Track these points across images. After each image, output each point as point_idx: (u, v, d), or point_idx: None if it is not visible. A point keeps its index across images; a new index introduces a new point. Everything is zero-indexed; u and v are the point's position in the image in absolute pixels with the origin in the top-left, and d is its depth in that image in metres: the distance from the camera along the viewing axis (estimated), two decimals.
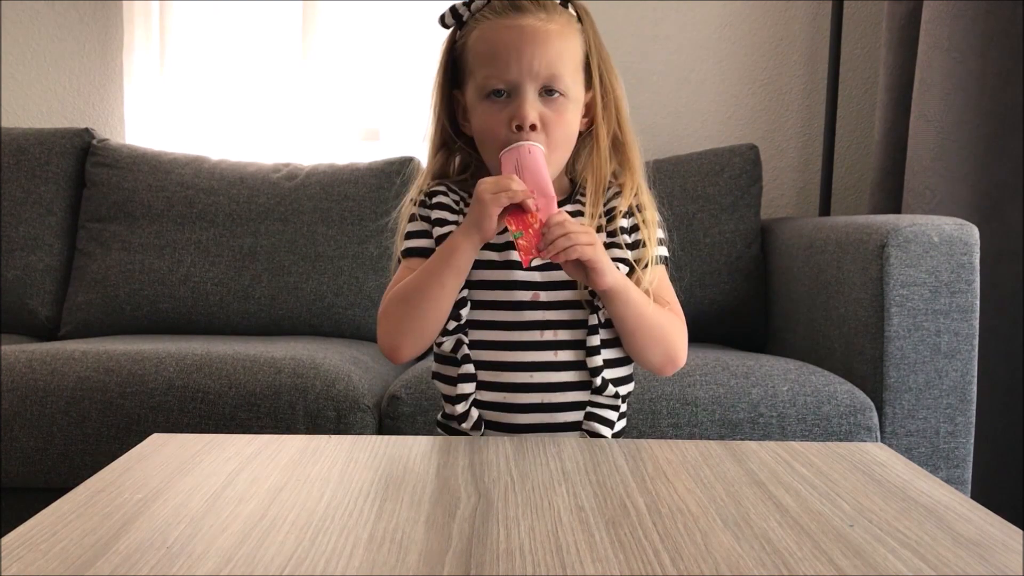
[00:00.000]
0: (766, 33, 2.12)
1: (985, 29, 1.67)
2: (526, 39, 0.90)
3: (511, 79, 0.90)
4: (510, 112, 0.91)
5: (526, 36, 0.91)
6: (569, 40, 0.93)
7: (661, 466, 0.77)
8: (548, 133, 0.91)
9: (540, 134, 0.91)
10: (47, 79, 2.15)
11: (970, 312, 1.35)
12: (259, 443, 0.81)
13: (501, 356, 0.92)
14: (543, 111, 0.91)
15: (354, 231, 1.83)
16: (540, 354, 0.92)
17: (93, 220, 1.88)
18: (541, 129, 0.91)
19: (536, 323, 0.92)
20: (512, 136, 0.90)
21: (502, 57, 0.91)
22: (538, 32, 0.91)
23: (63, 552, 0.55)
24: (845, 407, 1.31)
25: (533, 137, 0.90)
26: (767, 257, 1.83)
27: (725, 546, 0.58)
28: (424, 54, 2.12)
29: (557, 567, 0.54)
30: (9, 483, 1.31)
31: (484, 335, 0.93)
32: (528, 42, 0.90)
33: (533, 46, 0.90)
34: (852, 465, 0.78)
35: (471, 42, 0.94)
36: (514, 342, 0.92)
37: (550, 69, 0.90)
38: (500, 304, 0.93)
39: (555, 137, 0.92)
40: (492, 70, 0.91)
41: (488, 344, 0.93)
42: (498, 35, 0.92)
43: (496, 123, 0.91)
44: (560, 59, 0.91)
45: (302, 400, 1.31)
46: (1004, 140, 1.67)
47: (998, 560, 0.57)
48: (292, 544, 0.57)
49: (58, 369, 1.34)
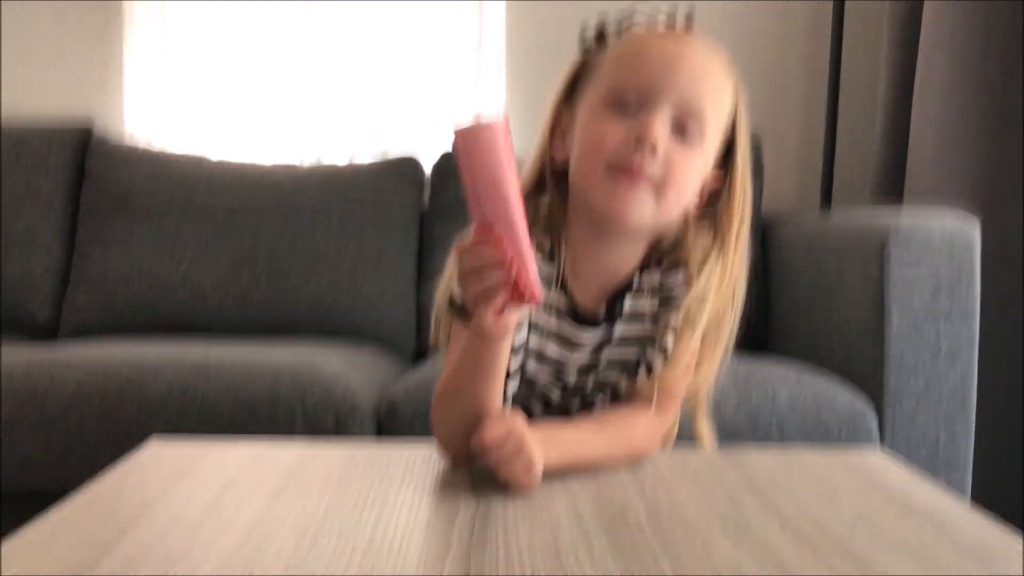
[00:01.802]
0: (766, 33, 2.12)
1: (986, 28, 1.66)
2: (683, 56, 0.76)
3: (650, 88, 0.75)
4: (632, 124, 0.74)
5: (685, 53, 0.76)
6: (727, 90, 0.79)
7: (661, 472, 0.77)
8: (667, 169, 0.74)
9: (658, 163, 0.74)
10: (48, 78, 2.15)
11: (970, 314, 1.35)
12: (258, 448, 0.81)
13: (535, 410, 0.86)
14: (670, 145, 0.75)
15: (354, 231, 1.82)
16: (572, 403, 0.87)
17: (93, 215, 1.87)
18: (662, 161, 0.74)
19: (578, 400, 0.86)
20: (624, 150, 0.74)
21: (648, 61, 0.76)
22: (699, 57, 0.77)
23: (62, 557, 0.55)
24: (844, 413, 1.30)
25: (650, 162, 0.73)
26: (767, 257, 1.83)
27: (724, 553, 0.58)
28: (424, 54, 2.13)
29: (556, 573, 0.54)
30: (8, 488, 1.31)
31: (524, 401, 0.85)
32: (685, 60, 0.76)
33: (689, 66, 0.76)
34: (851, 471, 0.78)
35: (610, 49, 0.79)
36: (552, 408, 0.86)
37: (698, 100, 0.75)
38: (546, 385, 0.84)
39: (673, 178, 0.75)
40: (630, 74, 0.76)
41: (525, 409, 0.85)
42: (651, 42, 0.78)
43: (610, 132, 0.75)
44: (712, 97, 0.76)
45: (301, 405, 1.30)
46: (1004, 140, 1.67)
47: (998, 567, 0.57)
48: (291, 549, 0.57)
49: (57, 374, 1.34)
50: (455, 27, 2.12)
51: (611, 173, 0.75)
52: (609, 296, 0.83)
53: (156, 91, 2.10)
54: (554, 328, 0.83)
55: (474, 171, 0.62)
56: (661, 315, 0.82)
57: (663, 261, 0.83)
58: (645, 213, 0.76)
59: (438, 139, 2.09)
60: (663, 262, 0.83)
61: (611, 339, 0.83)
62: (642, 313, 0.83)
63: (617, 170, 0.75)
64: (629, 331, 0.83)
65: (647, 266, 0.83)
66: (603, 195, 0.76)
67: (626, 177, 0.74)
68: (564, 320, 0.83)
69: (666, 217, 0.78)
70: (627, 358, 0.84)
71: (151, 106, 2.10)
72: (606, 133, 0.75)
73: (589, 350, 0.84)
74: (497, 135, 0.60)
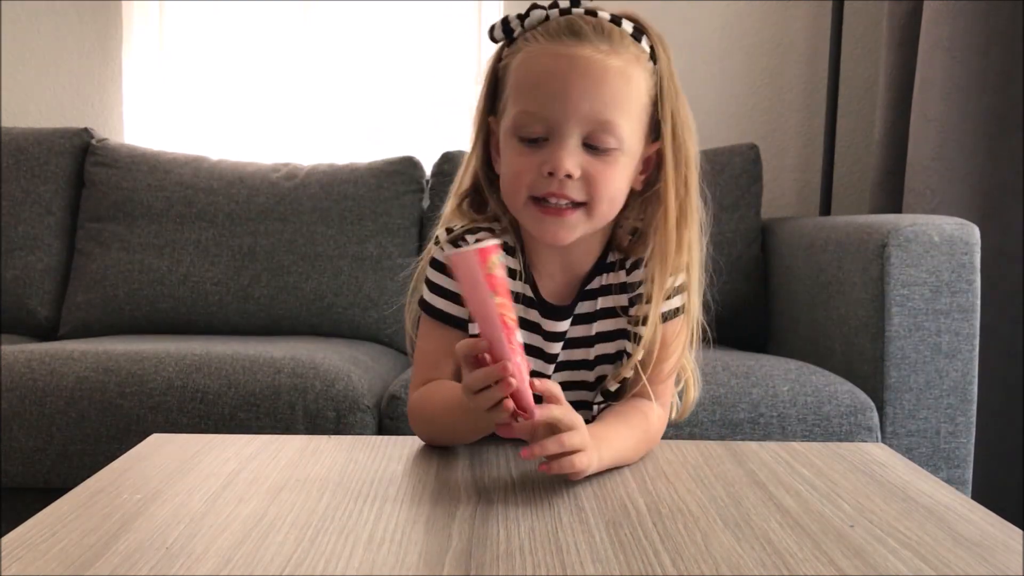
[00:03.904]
0: (766, 33, 2.12)
1: (985, 29, 1.67)
2: (577, 72, 0.75)
3: (551, 118, 0.75)
4: (543, 156, 0.76)
5: (578, 69, 0.75)
6: (633, 81, 0.76)
7: (661, 466, 0.77)
8: (590, 186, 0.76)
9: (578, 185, 0.76)
10: (46, 79, 2.15)
11: (971, 312, 1.35)
12: (258, 443, 0.81)
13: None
14: (587, 161, 0.76)
15: (354, 231, 1.82)
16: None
17: (92, 220, 1.88)
18: (581, 181, 0.76)
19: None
20: (540, 183, 0.76)
21: (545, 90, 0.75)
22: (593, 66, 0.75)
23: (62, 552, 0.55)
24: (845, 407, 1.31)
25: (569, 187, 0.75)
26: (767, 257, 1.83)
27: (725, 546, 0.58)
28: (424, 54, 2.13)
29: (557, 567, 0.54)
30: (8, 483, 1.31)
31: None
32: (580, 76, 0.74)
33: (585, 82, 0.74)
34: (852, 465, 0.78)
35: (514, 66, 0.79)
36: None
37: (602, 115, 0.75)
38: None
39: (598, 194, 0.76)
40: (530, 104, 0.76)
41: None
42: (545, 63, 0.76)
43: (524, 166, 0.77)
44: (617, 103, 0.75)
45: (302, 400, 1.31)
46: (1004, 140, 1.67)
47: (998, 560, 0.57)
48: (292, 544, 0.57)
49: (57, 369, 1.34)
50: (455, 27, 2.12)
51: (536, 206, 0.78)
52: (575, 290, 0.85)
53: (155, 91, 2.10)
54: (522, 315, 0.83)
55: (463, 292, 0.69)
56: (632, 308, 0.83)
57: (627, 260, 0.84)
58: (578, 232, 0.79)
59: (438, 139, 2.09)
60: (627, 261, 0.84)
61: (589, 335, 0.84)
62: (614, 308, 0.84)
63: (540, 203, 0.77)
64: (605, 326, 0.84)
65: (612, 263, 0.84)
66: (533, 225, 0.79)
67: (552, 212, 0.77)
68: (532, 308, 0.84)
69: (602, 222, 0.80)
70: (607, 352, 0.85)
71: (150, 106, 2.10)
72: (521, 168, 0.77)
73: (561, 345, 0.84)
74: (471, 262, 0.63)
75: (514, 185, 0.78)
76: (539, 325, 0.84)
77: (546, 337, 0.84)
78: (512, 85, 0.79)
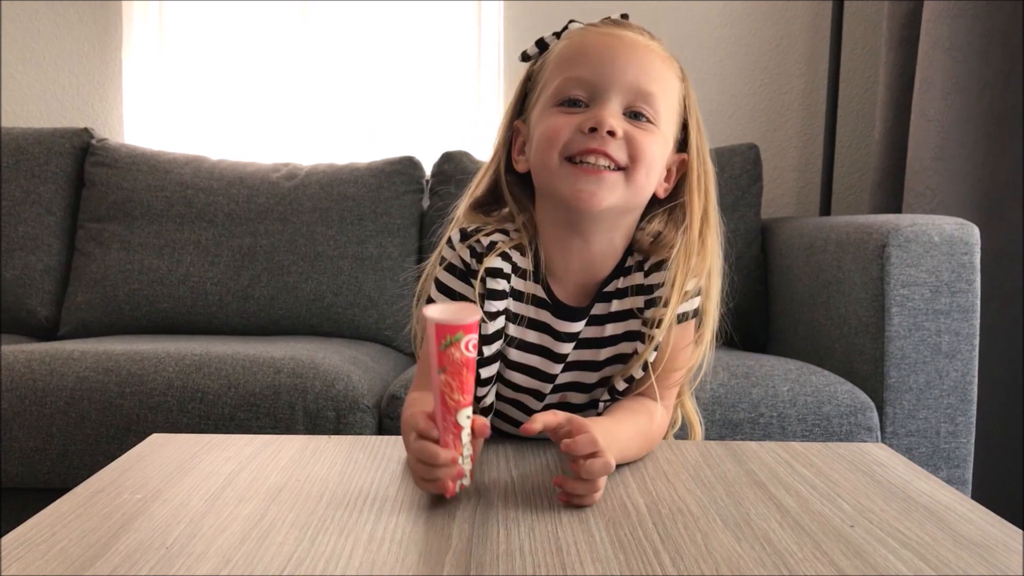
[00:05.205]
0: (766, 33, 2.12)
1: (985, 29, 1.67)
2: (624, 46, 0.77)
3: (596, 82, 0.76)
4: (583, 117, 0.76)
5: (625, 43, 0.77)
6: (671, 70, 0.80)
7: (661, 466, 0.77)
8: (632, 147, 0.76)
9: (619, 144, 0.75)
10: (46, 79, 2.15)
11: (971, 312, 1.35)
12: (258, 443, 0.81)
13: (514, 413, 0.88)
14: (628, 127, 0.76)
15: (354, 231, 1.82)
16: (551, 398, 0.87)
17: (92, 220, 1.88)
18: (623, 141, 0.75)
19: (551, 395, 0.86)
20: (578, 139, 0.75)
21: (591, 58, 0.77)
22: (638, 43, 0.78)
23: (62, 552, 0.55)
24: (845, 407, 1.31)
25: (612, 144, 0.75)
26: (767, 257, 1.83)
27: (725, 546, 0.58)
28: (424, 54, 2.13)
29: (557, 567, 0.54)
30: (8, 483, 1.31)
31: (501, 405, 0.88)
32: (626, 49, 0.77)
33: (631, 54, 0.77)
34: (853, 465, 0.78)
35: (553, 53, 0.81)
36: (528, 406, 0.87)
37: (646, 85, 0.76)
38: (521, 389, 0.86)
39: (639, 155, 0.76)
40: (575, 70, 0.77)
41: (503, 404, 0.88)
42: (591, 39, 0.79)
43: (563, 124, 0.76)
44: (658, 79, 0.77)
45: (301, 400, 1.30)
46: (1004, 140, 1.67)
47: (999, 560, 0.57)
48: (292, 544, 0.57)
49: (57, 369, 1.34)
50: (454, 27, 2.12)
51: (570, 166, 0.76)
52: (592, 293, 0.84)
53: (155, 91, 2.10)
54: (533, 315, 0.83)
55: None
56: (648, 311, 0.82)
57: (646, 262, 0.83)
58: (614, 197, 0.77)
59: (438, 139, 2.09)
60: (646, 263, 0.83)
61: (602, 337, 0.84)
62: (629, 310, 0.83)
63: (577, 163, 0.76)
64: (618, 328, 0.84)
65: (630, 267, 0.84)
66: (568, 185, 0.77)
67: (591, 171, 0.76)
68: (544, 309, 0.83)
69: (636, 197, 0.79)
70: (619, 353, 0.84)
71: (150, 106, 2.10)
72: (559, 127, 0.76)
73: (573, 345, 0.84)
74: (430, 331, 0.63)
75: (550, 142, 0.76)
76: (550, 326, 0.83)
77: (557, 337, 0.83)
78: (554, 63, 0.80)
